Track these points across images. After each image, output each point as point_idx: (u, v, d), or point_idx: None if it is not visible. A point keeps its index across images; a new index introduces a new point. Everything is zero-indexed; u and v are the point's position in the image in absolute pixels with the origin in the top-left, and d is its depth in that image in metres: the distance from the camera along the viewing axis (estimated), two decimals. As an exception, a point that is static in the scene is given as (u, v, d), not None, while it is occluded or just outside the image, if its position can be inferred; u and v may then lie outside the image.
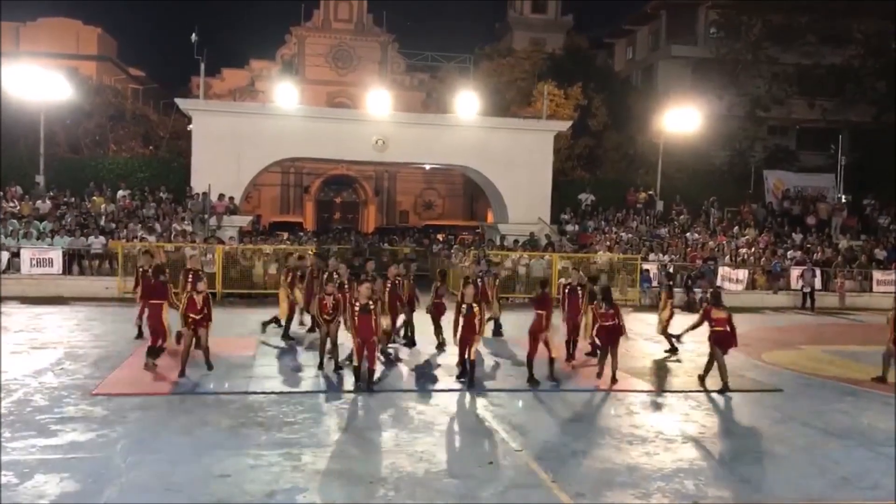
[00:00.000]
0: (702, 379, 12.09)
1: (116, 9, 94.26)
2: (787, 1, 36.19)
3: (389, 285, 14.10)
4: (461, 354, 11.57)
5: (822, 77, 39.03)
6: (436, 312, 14.71)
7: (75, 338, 14.95)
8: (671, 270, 24.27)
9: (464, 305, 11.30)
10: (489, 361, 13.50)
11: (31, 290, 20.83)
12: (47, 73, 27.12)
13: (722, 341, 11.79)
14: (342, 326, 12.06)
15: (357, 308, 10.97)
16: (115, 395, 10.39)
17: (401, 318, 14.87)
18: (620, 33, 50.08)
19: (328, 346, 12.36)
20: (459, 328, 11.26)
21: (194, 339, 11.65)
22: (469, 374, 11.46)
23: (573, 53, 42.60)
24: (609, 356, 12.06)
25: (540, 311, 12.01)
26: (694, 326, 12.84)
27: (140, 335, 14.32)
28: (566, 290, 13.92)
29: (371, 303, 11.07)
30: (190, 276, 12.81)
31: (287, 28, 50.86)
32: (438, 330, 14.60)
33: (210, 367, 11.88)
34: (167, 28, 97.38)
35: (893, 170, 33.46)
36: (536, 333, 11.98)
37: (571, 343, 13.80)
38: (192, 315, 11.52)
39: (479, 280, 15.13)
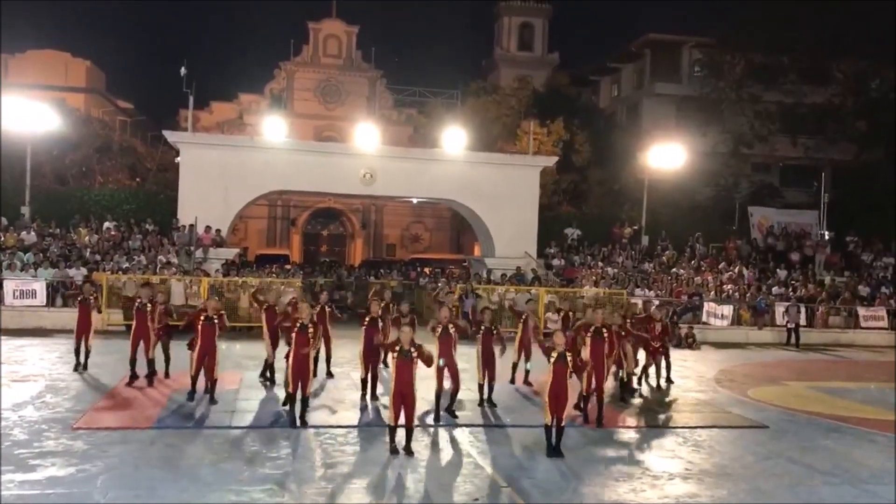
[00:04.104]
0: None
1: (105, 41, 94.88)
2: (769, 36, 36.77)
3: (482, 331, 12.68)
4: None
5: (804, 115, 39.63)
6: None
7: (57, 370, 14.77)
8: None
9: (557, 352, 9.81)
10: (474, 397, 13.39)
11: (13, 321, 20.59)
12: (35, 105, 27.12)
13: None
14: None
15: (397, 352, 9.49)
16: (96, 429, 10.24)
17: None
18: (606, 71, 50.79)
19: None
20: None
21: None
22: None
23: (555, 91, 43.09)
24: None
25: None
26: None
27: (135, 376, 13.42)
28: (591, 332, 11.82)
29: (413, 350, 9.52)
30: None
31: (276, 63, 51.21)
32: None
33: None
34: (156, 61, 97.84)
35: (875, 207, 33.89)
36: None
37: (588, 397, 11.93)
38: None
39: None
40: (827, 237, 32.59)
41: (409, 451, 9.45)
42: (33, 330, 20.30)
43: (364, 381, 12.89)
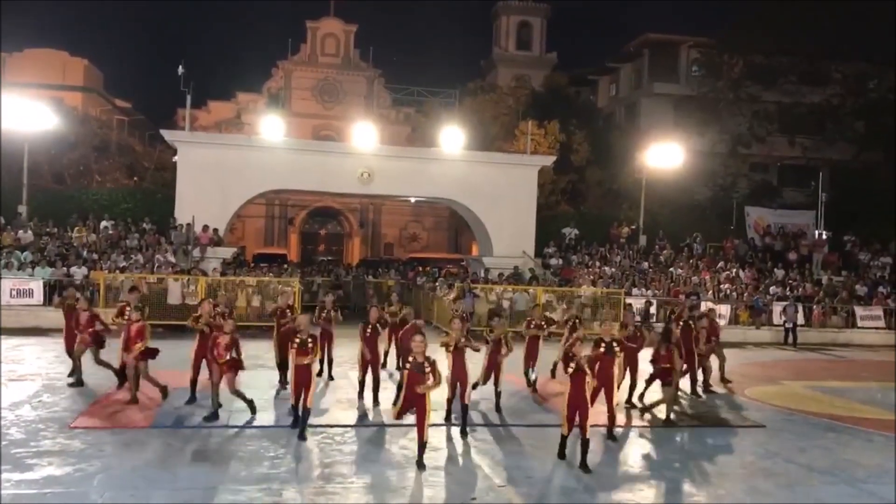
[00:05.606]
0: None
1: (103, 40, 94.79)
2: (768, 37, 36.75)
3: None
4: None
5: (802, 116, 39.65)
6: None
7: (54, 370, 14.74)
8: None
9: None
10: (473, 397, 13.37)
11: (9, 320, 20.52)
12: (32, 104, 27.07)
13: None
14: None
15: (409, 365, 9.10)
16: (93, 429, 10.24)
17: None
18: (604, 71, 50.81)
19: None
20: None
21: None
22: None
23: (554, 91, 43.11)
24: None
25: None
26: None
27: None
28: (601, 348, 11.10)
29: (427, 363, 9.05)
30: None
31: (274, 62, 51.18)
32: None
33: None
34: (154, 60, 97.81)
35: (873, 207, 33.94)
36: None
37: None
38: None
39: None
40: (824, 237, 32.62)
41: (420, 464, 8.96)
42: (30, 329, 20.26)
43: (362, 382, 12.85)
